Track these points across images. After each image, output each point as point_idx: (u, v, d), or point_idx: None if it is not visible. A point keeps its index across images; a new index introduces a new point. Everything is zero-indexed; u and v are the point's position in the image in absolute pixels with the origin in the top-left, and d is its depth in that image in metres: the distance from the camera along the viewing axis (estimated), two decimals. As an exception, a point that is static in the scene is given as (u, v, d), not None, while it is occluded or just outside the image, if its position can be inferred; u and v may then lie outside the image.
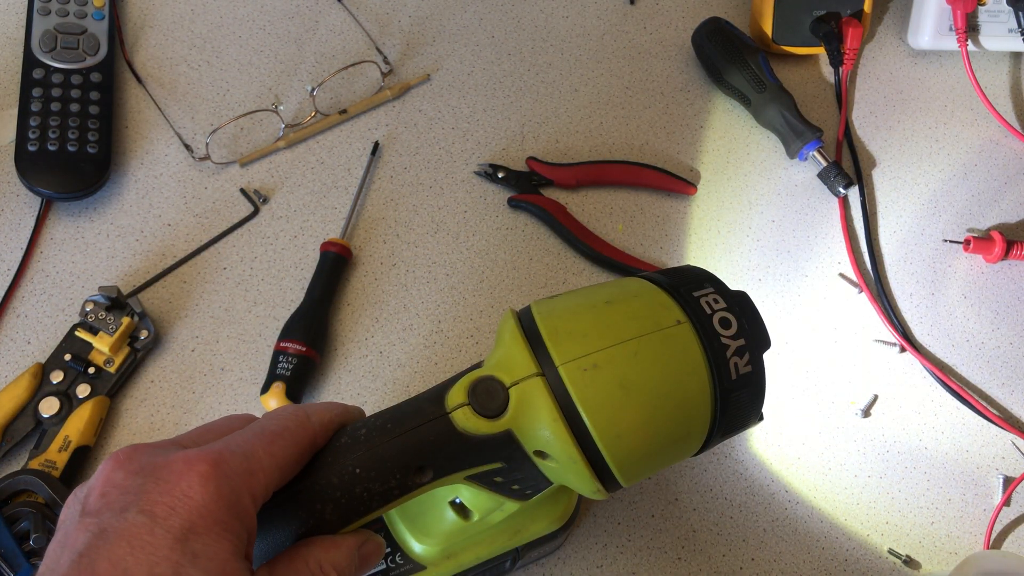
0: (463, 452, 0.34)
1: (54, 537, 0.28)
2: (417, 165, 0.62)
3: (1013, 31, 0.67)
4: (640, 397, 0.33)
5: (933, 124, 0.67)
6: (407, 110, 0.63)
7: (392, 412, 0.34)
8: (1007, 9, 0.67)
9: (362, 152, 0.62)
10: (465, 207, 0.61)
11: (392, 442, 0.33)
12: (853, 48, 0.66)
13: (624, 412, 0.33)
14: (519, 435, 0.34)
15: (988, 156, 0.67)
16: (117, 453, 0.30)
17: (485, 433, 0.34)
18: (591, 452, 0.34)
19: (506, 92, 0.65)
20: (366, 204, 0.60)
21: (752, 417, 0.37)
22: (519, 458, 0.35)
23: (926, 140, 0.67)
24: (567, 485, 0.36)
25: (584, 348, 0.34)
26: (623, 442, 0.33)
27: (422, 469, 0.33)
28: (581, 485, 0.35)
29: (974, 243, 0.62)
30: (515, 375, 0.34)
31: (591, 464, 0.34)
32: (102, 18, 0.61)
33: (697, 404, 0.35)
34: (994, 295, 0.62)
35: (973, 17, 0.67)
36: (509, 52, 0.66)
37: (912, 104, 0.68)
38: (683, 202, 0.62)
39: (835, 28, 0.66)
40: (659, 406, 0.34)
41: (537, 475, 0.36)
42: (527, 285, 0.59)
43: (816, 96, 0.67)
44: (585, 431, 0.33)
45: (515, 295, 0.58)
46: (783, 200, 0.63)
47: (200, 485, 0.27)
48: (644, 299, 0.36)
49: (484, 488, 0.36)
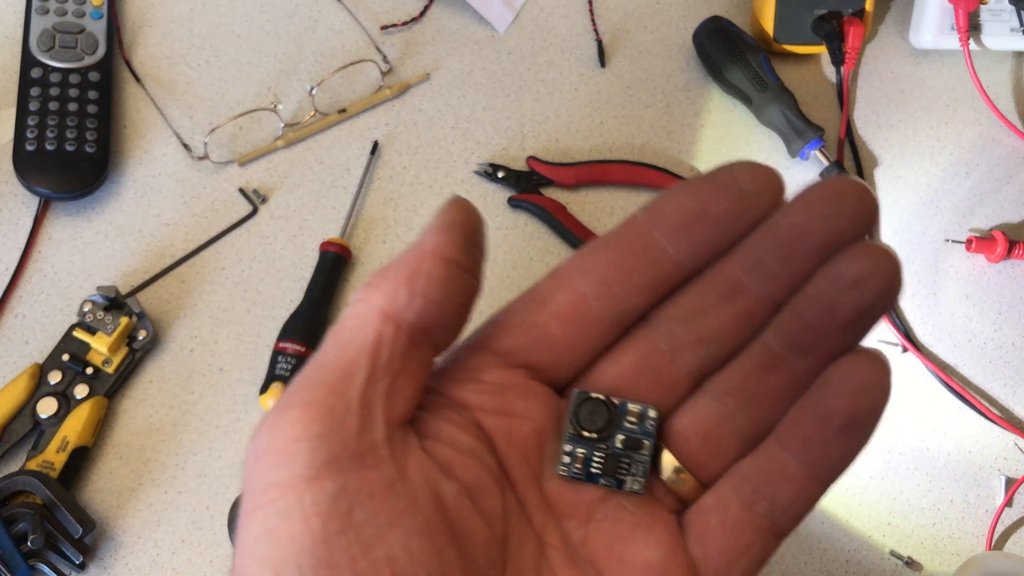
0: None
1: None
2: (417, 164, 0.61)
3: (1015, 30, 0.67)
4: None
5: (935, 123, 0.67)
6: (407, 109, 0.63)
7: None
8: (1009, 8, 0.66)
9: (361, 151, 0.61)
10: (465, 207, 0.60)
11: None
12: (855, 47, 0.65)
13: None
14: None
15: (990, 155, 0.66)
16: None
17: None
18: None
19: (506, 91, 0.64)
20: (365, 204, 0.60)
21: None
22: None
23: (928, 139, 0.66)
24: None
25: None
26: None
27: None
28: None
29: (976, 243, 0.62)
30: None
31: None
32: (100, 17, 0.60)
33: None
34: (996, 295, 0.62)
35: (975, 16, 0.66)
36: (509, 51, 0.66)
37: (914, 103, 0.68)
38: (684, 202, 0.62)
39: (836, 27, 0.65)
40: None
41: None
42: (527, 285, 0.58)
43: (817, 95, 0.67)
44: None
45: (515, 295, 0.58)
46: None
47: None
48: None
49: None
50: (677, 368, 0.24)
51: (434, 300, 0.23)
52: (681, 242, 0.23)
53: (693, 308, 0.24)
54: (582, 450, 0.24)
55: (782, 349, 0.23)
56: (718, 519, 0.24)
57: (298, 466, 0.20)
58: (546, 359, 0.24)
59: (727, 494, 0.24)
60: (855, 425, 0.23)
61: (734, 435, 0.24)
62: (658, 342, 0.24)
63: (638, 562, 0.23)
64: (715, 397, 0.24)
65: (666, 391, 0.24)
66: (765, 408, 0.24)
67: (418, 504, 0.21)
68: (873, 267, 0.22)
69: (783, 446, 0.23)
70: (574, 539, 0.24)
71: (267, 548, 0.20)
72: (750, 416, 0.24)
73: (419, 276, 0.22)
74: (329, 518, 0.20)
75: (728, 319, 0.24)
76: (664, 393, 0.24)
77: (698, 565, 0.23)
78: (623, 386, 0.24)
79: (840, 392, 0.23)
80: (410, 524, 0.21)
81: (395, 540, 0.20)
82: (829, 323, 0.22)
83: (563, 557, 0.24)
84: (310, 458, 0.21)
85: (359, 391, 0.21)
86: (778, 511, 0.23)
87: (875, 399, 0.23)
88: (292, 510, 0.20)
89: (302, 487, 0.20)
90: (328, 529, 0.20)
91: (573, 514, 0.24)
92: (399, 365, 0.22)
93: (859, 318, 0.22)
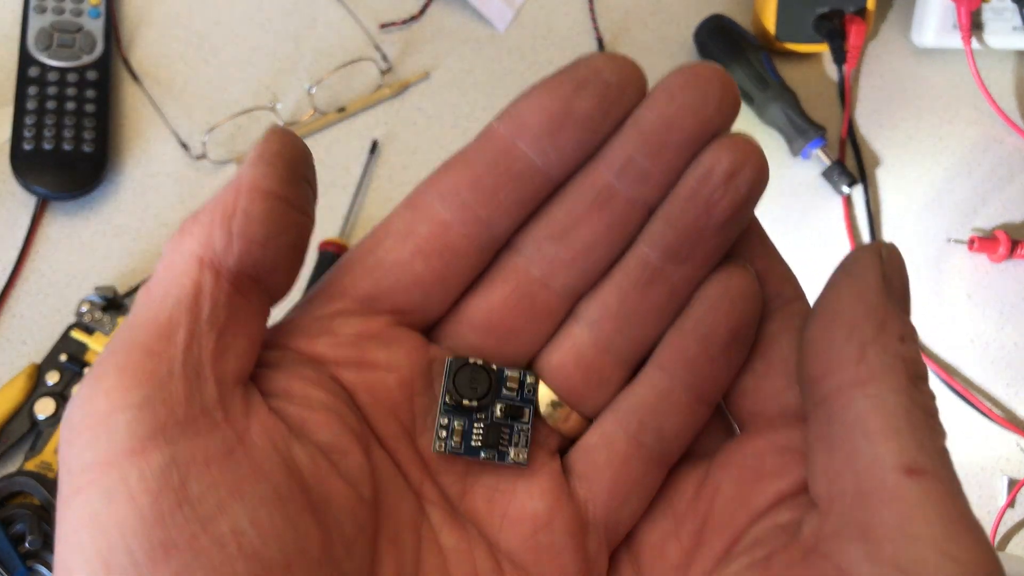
0: None
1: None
2: (416, 164, 0.61)
3: (1018, 28, 0.66)
4: None
5: (937, 122, 0.67)
6: (406, 108, 0.63)
7: None
8: (1012, 7, 0.66)
9: (361, 151, 0.61)
10: (465, 206, 0.60)
11: None
12: (856, 46, 0.65)
13: None
14: None
15: (993, 154, 0.66)
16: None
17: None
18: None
19: (506, 90, 0.64)
20: (365, 203, 0.60)
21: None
22: None
23: (930, 138, 0.66)
24: None
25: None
26: None
27: None
28: None
29: (978, 242, 0.61)
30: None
31: None
32: (98, 16, 0.60)
33: None
34: (999, 295, 0.62)
35: (977, 15, 0.66)
36: (509, 50, 0.66)
37: (916, 102, 0.67)
38: (685, 201, 0.62)
39: (838, 26, 0.65)
40: None
41: None
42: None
43: (819, 94, 0.67)
44: None
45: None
46: (786, 199, 0.63)
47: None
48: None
49: None
50: (552, 293, 0.22)
51: (256, 241, 0.20)
52: (547, 150, 0.21)
53: (563, 223, 0.22)
54: (460, 422, 0.22)
55: (658, 259, 0.22)
56: (605, 457, 0.22)
57: (118, 440, 0.18)
58: (412, 301, 0.22)
59: (613, 430, 0.22)
60: (738, 340, 0.22)
61: (615, 362, 0.22)
62: (529, 267, 0.22)
63: (522, 516, 0.22)
64: (593, 323, 0.22)
65: (543, 321, 0.22)
66: (645, 327, 0.22)
67: (264, 470, 0.19)
68: (743, 158, 0.21)
69: (667, 372, 0.22)
70: (452, 495, 0.22)
71: (92, 536, 0.17)
72: (630, 338, 0.22)
73: (236, 215, 0.20)
74: (160, 494, 0.17)
75: (601, 230, 0.22)
76: (541, 325, 0.22)
77: (585, 507, 0.22)
78: (498, 323, 0.22)
79: (719, 307, 0.22)
80: (256, 493, 0.18)
81: (240, 512, 0.18)
82: (705, 224, 0.21)
83: (444, 514, 0.22)
84: (131, 430, 0.18)
85: (181, 350, 0.19)
86: (666, 441, 0.22)
87: (753, 309, 0.22)
88: (116, 490, 0.17)
89: (125, 463, 0.18)
90: (160, 507, 0.17)
91: (450, 469, 0.22)
92: (225, 317, 0.20)
93: (733, 215, 0.21)
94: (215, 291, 0.20)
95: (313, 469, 0.20)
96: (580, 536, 0.22)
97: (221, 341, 0.20)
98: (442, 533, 0.22)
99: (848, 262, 0.21)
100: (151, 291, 0.20)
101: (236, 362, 0.20)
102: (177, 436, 0.18)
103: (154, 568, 0.17)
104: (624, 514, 0.22)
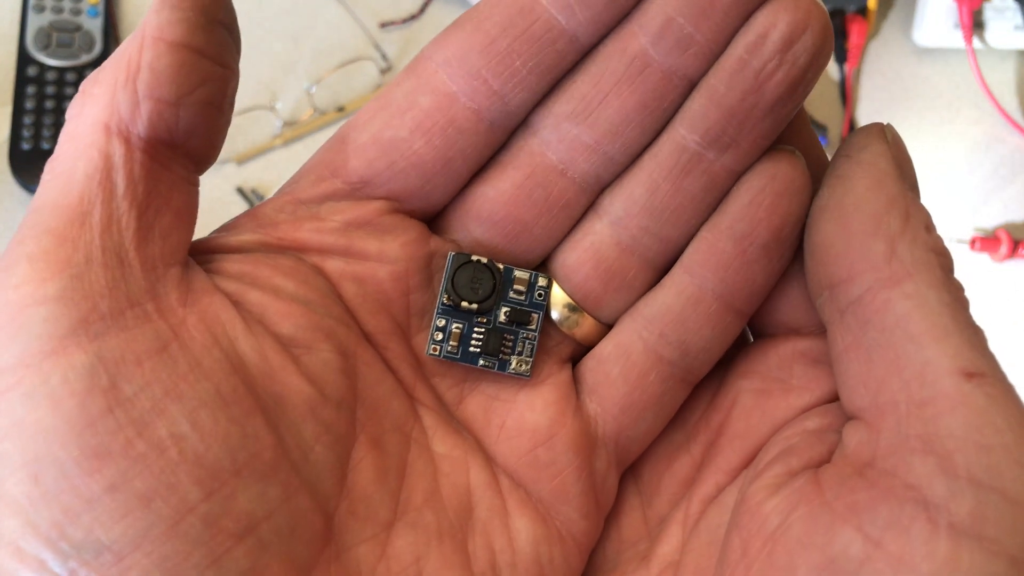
0: None
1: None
2: (416, 163, 0.61)
3: (1019, 28, 0.66)
4: None
5: (938, 122, 0.67)
6: (406, 108, 0.63)
7: None
8: (1013, 6, 0.66)
9: (360, 150, 0.61)
10: (465, 206, 0.60)
11: None
12: (858, 45, 0.65)
13: None
14: None
15: (994, 154, 0.66)
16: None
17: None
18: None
19: (506, 89, 0.64)
20: (364, 203, 0.60)
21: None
22: None
23: (931, 138, 0.66)
24: None
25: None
26: None
27: None
28: None
29: (980, 242, 0.61)
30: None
31: None
32: (97, 15, 0.60)
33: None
34: (1001, 295, 0.62)
35: (979, 14, 0.66)
36: (509, 49, 0.65)
37: (917, 101, 0.67)
38: (685, 201, 0.62)
39: (839, 25, 0.65)
40: None
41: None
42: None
43: (820, 93, 0.66)
44: None
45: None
46: (787, 199, 0.63)
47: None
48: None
49: None
50: (571, 182, 0.19)
51: (167, 100, 0.17)
52: (574, 6, 0.18)
53: (588, 98, 0.19)
54: (458, 325, 0.20)
55: (697, 144, 0.19)
56: (620, 370, 0.20)
57: (35, 338, 0.16)
58: (410, 186, 0.19)
59: (630, 340, 0.20)
60: (780, 241, 0.19)
61: (640, 264, 0.20)
62: (546, 151, 0.19)
63: (520, 429, 0.20)
64: (617, 219, 0.19)
65: (559, 215, 0.20)
66: (677, 225, 0.19)
67: (203, 367, 0.17)
68: (804, 21, 0.17)
69: (696, 276, 0.19)
70: (448, 400, 0.20)
71: (16, 446, 0.15)
72: (659, 237, 0.19)
73: (140, 72, 0.17)
74: (87, 397, 0.16)
75: (631, 107, 0.18)
76: (557, 219, 0.20)
77: (594, 424, 0.20)
78: (508, 216, 0.20)
79: (760, 202, 0.19)
80: (195, 393, 0.16)
81: (178, 415, 0.16)
82: (755, 103, 0.18)
83: (438, 419, 0.20)
84: (49, 326, 0.16)
85: (98, 233, 0.17)
86: (690, 356, 0.20)
87: (800, 205, 0.19)
88: (37, 394, 0.16)
89: (46, 364, 0.16)
90: (89, 411, 0.16)
91: (447, 372, 0.20)
92: (144, 192, 0.17)
93: (789, 93, 0.18)
94: (128, 162, 0.17)
95: (263, 366, 0.18)
96: (586, 454, 0.20)
97: (143, 219, 0.17)
98: (434, 439, 0.20)
99: (852, 149, 0.19)
100: (55, 168, 0.17)
101: (164, 243, 0.18)
102: (102, 331, 0.16)
103: (87, 478, 0.16)
104: (637, 433, 0.20)
